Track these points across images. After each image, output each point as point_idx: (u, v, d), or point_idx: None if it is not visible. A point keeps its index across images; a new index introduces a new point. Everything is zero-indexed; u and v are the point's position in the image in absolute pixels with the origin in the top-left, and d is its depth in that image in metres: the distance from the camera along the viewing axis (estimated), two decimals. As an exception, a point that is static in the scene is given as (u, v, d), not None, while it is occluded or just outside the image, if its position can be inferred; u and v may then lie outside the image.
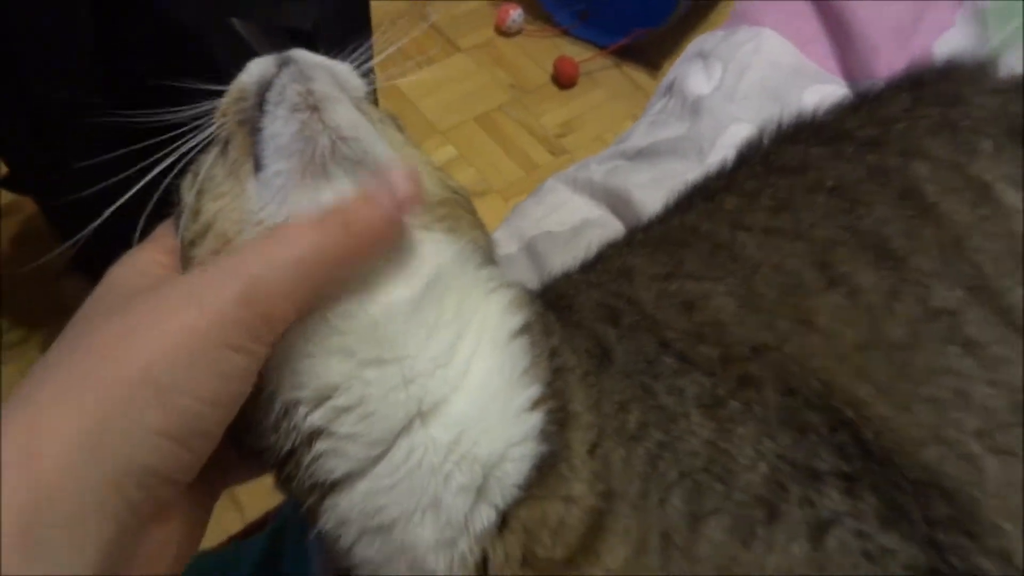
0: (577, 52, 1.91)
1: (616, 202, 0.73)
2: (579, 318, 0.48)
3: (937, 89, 0.56)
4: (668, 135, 0.78)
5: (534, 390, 0.43)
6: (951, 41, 0.77)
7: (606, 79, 1.88)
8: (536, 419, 0.42)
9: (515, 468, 0.42)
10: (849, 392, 0.44)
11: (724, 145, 0.72)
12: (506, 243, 0.73)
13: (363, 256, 0.40)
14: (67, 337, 0.39)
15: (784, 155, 0.55)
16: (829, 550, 0.41)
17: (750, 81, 0.79)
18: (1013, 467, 0.43)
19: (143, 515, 0.36)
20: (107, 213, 0.46)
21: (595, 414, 0.43)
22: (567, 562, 0.41)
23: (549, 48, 1.94)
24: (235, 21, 1.05)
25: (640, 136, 0.81)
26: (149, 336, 0.36)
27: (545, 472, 0.42)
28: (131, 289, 0.41)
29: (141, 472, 0.35)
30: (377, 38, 0.54)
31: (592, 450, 0.42)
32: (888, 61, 0.74)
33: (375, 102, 1.45)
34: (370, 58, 1.27)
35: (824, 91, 0.75)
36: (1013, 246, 0.47)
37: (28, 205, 1.48)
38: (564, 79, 1.86)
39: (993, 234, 0.47)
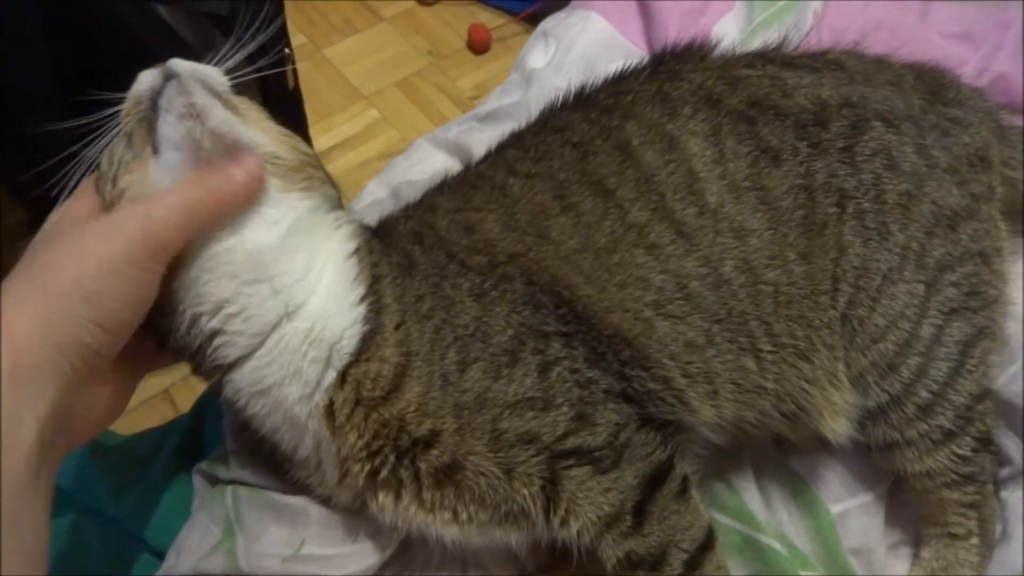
0: (490, 19, 2.06)
1: (464, 156, 0.93)
2: (395, 241, 0.69)
3: (667, 66, 0.76)
4: (509, 101, 0.98)
5: (360, 291, 0.64)
6: (727, 22, 0.97)
7: (517, 44, 2.04)
8: (361, 309, 0.64)
9: (349, 343, 0.63)
10: (568, 281, 0.65)
11: (545, 110, 0.92)
12: (378, 190, 0.93)
13: (226, 208, 0.59)
14: (26, 259, 0.59)
15: (558, 118, 0.76)
16: (552, 380, 0.62)
17: (574, 57, 0.99)
18: (675, 326, 0.65)
19: (82, 375, 0.56)
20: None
21: (400, 303, 0.64)
22: (383, 399, 0.62)
23: (464, 15, 2.09)
24: (159, 8, 1.22)
25: (491, 102, 1.01)
26: (80, 259, 0.56)
27: (367, 343, 0.63)
28: (67, 227, 0.61)
29: (79, 345, 0.55)
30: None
31: (397, 327, 0.64)
32: (675, 38, 0.94)
33: (294, 72, 1.63)
34: (285, 34, 1.47)
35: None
36: (688, 180, 0.68)
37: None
38: (478, 45, 2.01)
39: (674, 172, 0.68)
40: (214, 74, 0.63)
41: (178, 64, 0.61)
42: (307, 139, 1.52)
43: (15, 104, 1.21)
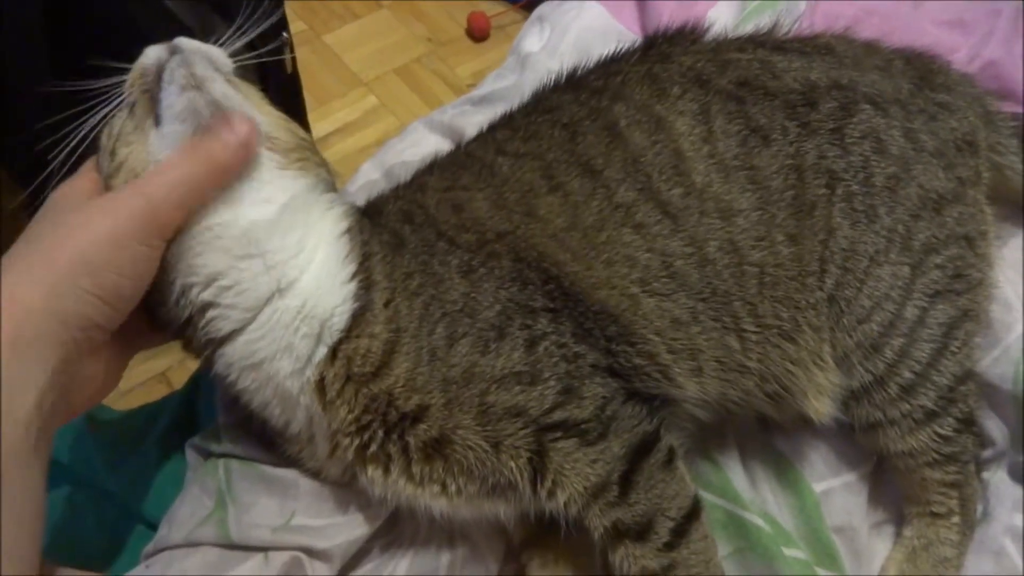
0: (489, 7, 2.07)
1: (458, 138, 0.93)
2: (385, 220, 0.70)
3: (658, 49, 0.77)
4: (503, 85, 0.99)
5: (351, 269, 0.65)
6: (721, 9, 0.97)
7: (516, 32, 2.04)
8: (352, 287, 0.64)
9: (339, 320, 0.64)
10: (555, 258, 0.66)
11: (539, 93, 0.93)
12: (372, 171, 0.94)
13: (223, 176, 0.60)
14: (29, 233, 0.60)
15: (548, 100, 0.77)
16: (539, 354, 0.63)
17: (569, 42, 0.99)
18: (660, 303, 0.66)
19: (81, 348, 0.57)
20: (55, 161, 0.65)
21: (389, 281, 0.65)
22: (372, 375, 0.63)
23: (463, 3, 2.09)
24: (160, -8, 1.22)
25: (486, 86, 1.02)
26: (83, 234, 0.57)
27: (358, 320, 0.64)
28: (69, 204, 0.61)
29: (80, 318, 0.56)
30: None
31: (387, 304, 0.64)
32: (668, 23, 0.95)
33: (293, 59, 1.64)
34: (284, 20, 1.48)
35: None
36: (675, 160, 0.69)
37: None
38: (477, 32, 2.02)
39: (660, 153, 0.69)
40: (219, 54, 0.64)
41: (184, 41, 0.63)
42: (306, 125, 1.53)
43: (13, 88, 1.22)
